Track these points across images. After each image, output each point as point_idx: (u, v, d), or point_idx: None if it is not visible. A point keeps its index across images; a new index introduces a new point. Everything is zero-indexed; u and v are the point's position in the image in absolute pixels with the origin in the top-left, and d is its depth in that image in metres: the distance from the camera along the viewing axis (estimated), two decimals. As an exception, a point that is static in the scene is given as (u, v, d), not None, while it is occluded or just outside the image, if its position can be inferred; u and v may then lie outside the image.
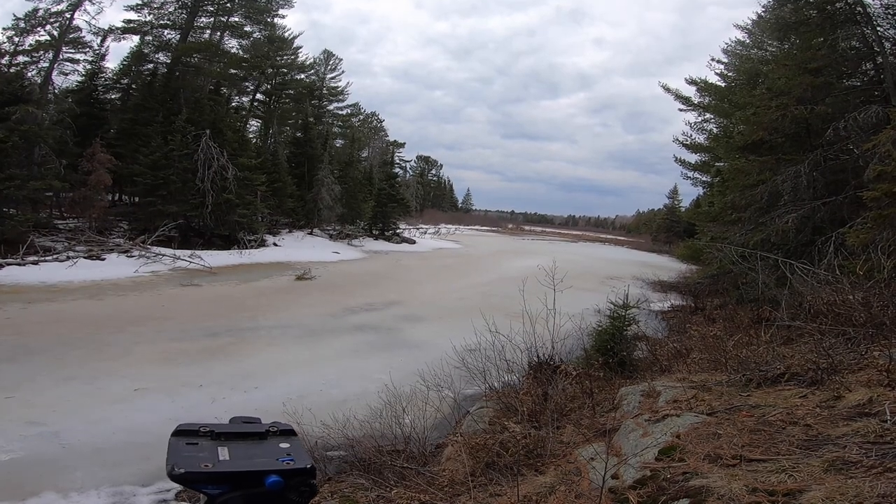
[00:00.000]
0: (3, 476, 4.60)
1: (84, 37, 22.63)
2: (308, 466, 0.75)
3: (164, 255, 17.57)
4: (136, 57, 25.31)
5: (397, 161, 58.41)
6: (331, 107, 39.44)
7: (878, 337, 4.19)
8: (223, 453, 0.76)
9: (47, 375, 6.96)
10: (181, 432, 0.79)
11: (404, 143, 64.19)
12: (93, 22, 22.40)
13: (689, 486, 2.52)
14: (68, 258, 15.54)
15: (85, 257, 16.03)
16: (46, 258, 15.22)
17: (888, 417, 2.57)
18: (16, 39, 20.38)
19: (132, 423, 5.79)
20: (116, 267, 15.75)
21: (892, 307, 4.50)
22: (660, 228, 54.31)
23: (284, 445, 0.80)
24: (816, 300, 6.20)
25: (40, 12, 20.73)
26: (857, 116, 10.35)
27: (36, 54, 21.00)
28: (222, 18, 26.67)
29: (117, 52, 65.03)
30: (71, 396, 6.37)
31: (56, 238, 17.35)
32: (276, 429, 0.83)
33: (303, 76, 35.06)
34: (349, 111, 41.93)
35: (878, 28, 11.79)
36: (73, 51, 22.58)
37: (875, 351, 3.91)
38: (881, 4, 11.70)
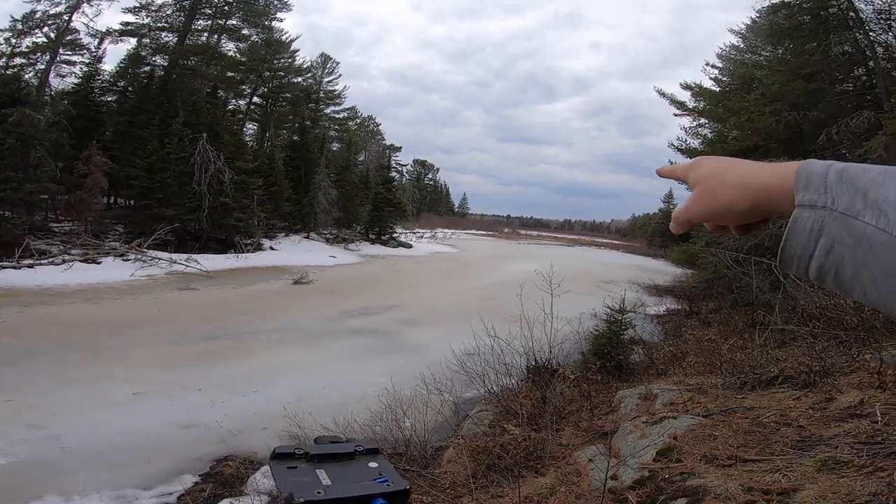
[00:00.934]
0: (5, 479, 4.61)
1: (81, 39, 22.62)
2: (406, 488, 0.77)
3: (160, 259, 17.54)
4: (133, 59, 25.27)
5: (394, 165, 58.69)
6: (327, 110, 39.55)
7: (870, 340, 4.29)
8: (323, 476, 0.78)
9: (46, 379, 6.96)
10: (279, 455, 0.81)
11: (401, 147, 64.53)
12: (90, 24, 22.39)
13: (686, 485, 2.59)
14: (64, 261, 15.50)
15: (80, 261, 15.98)
16: (42, 261, 15.17)
17: (879, 418, 2.65)
18: (13, 41, 20.33)
19: (133, 426, 5.82)
20: (112, 270, 15.70)
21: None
22: (655, 233, 54.59)
23: (374, 465, 0.82)
24: (809, 304, 6.30)
25: (38, 14, 20.70)
26: (850, 122, 10.51)
27: (33, 56, 20.92)
28: (220, 21, 26.70)
29: (114, 55, 64.74)
30: (71, 399, 6.38)
31: (52, 241, 17.27)
32: (361, 448, 0.85)
33: (300, 79, 35.11)
34: (346, 115, 42.03)
35: (871, 33, 11.95)
36: (70, 53, 22.54)
37: (866, 354, 4.01)
38: (873, 9, 11.87)
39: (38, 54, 20.99)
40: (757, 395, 3.78)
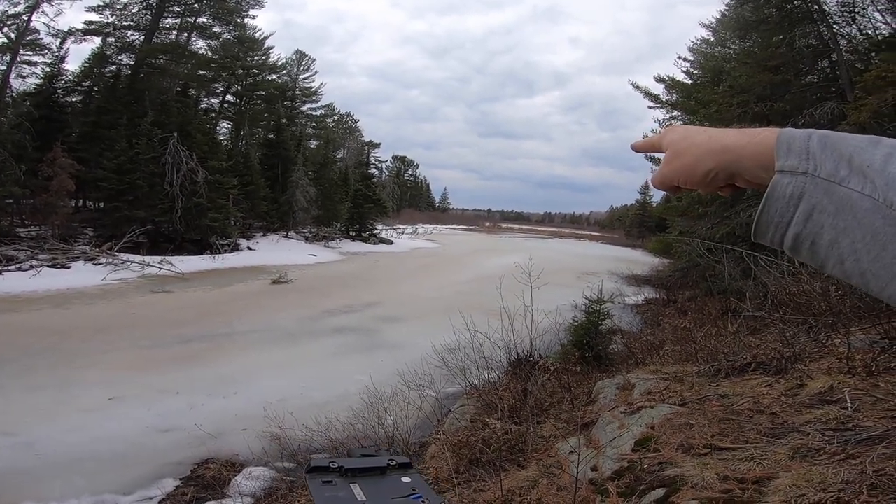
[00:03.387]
0: (-24, 490, 4.48)
1: (42, 39, 21.71)
2: None
3: (132, 262, 17.10)
4: (98, 59, 24.40)
5: (373, 161, 58.20)
6: (304, 108, 39.04)
7: (837, 325, 4.41)
8: (357, 492, 0.78)
9: (15, 386, 6.77)
10: (315, 469, 0.81)
11: (380, 144, 64.14)
12: (51, 24, 21.52)
13: (664, 475, 2.62)
14: (31, 267, 15.00)
15: (49, 266, 15.47)
16: (9, 267, 14.64)
17: (849, 404, 2.72)
18: None
19: (109, 431, 5.70)
20: (82, 275, 15.26)
21: (848, 296, 4.75)
22: (632, 223, 55.43)
23: (406, 480, 0.82)
24: (779, 291, 6.46)
25: None
26: (814, 112, 10.79)
27: None
28: (189, 19, 25.95)
29: (78, 54, 62.67)
30: (42, 406, 6.22)
31: (18, 247, 16.65)
32: (394, 462, 0.85)
33: (274, 77, 34.52)
34: (323, 112, 41.55)
35: (834, 26, 12.27)
36: (30, 53, 21.60)
37: (835, 339, 4.12)
38: (836, 2, 12.16)
39: None
40: (731, 382, 3.85)
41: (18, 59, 20.93)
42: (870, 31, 12.18)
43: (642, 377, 5.00)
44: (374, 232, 35.11)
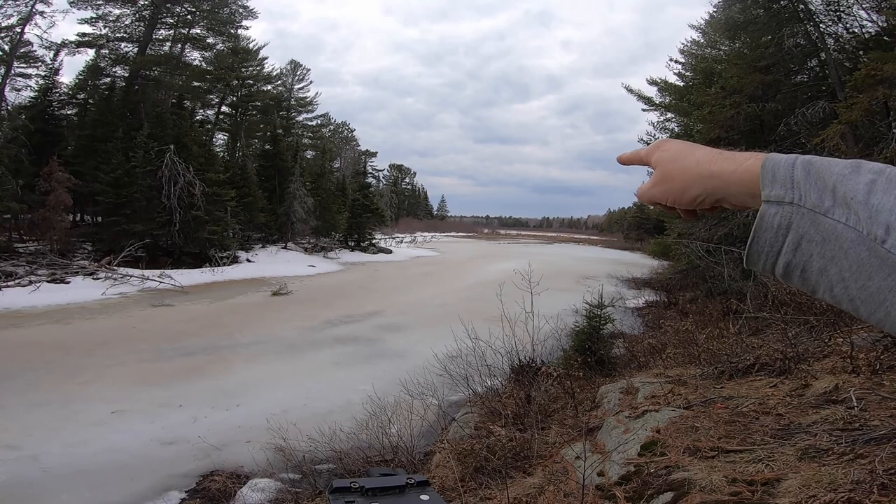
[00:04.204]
0: (-17, 502, 4.47)
1: (36, 51, 21.76)
2: None
3: (131, 276, 17.06)
4: (92, 71, 24.43)
5: (370, 170, 58.39)
6: (300, 118, 39.08)
7: (839, 324, 4.41)
8: None
9: (19, 401, 6.75)
10: (337, 490, 0.82)
11: (376, 153, 64.41)
12: (44, 36, 21.56)
13: (671, 479, 2.62)
14: (31, 283, 14.95)
15: (48, 281, 15.44)
16: (8, 283, 14.59)
17: (855, 404, 2.72)
18: None
19: (113, 444, 5.69)
20: (82, 290, 15.21)
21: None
22: (631, 226, 55.56)
23: (425, 498, 0.83)
24: (780, 291, 6.47)
25: None
26: (806, 112, 10.85)
27: None
28: (183, 31, 26.04)
29: (72, 67, 62.81)
30: (46, 420, 6.21)
31: (17, 262, 16.61)
32: (412, 481, 0.86)
33: (269, 87, 34.60)
34: (319, 121, 41.68)
35: (821, 25, 12.37)
36: (24, 65, 21.64)
37: (838, 338, 4.13)
38: (822, 1, 12.28)
39: None
40: (735, 383, 3.85)
41: (13, 71, 20.95)
42: (856, 30, 12.28)
43: (646, 381, 5.00)
44: (373, 241, 35.05)
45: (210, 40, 27.42)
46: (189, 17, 25.70)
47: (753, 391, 3.43)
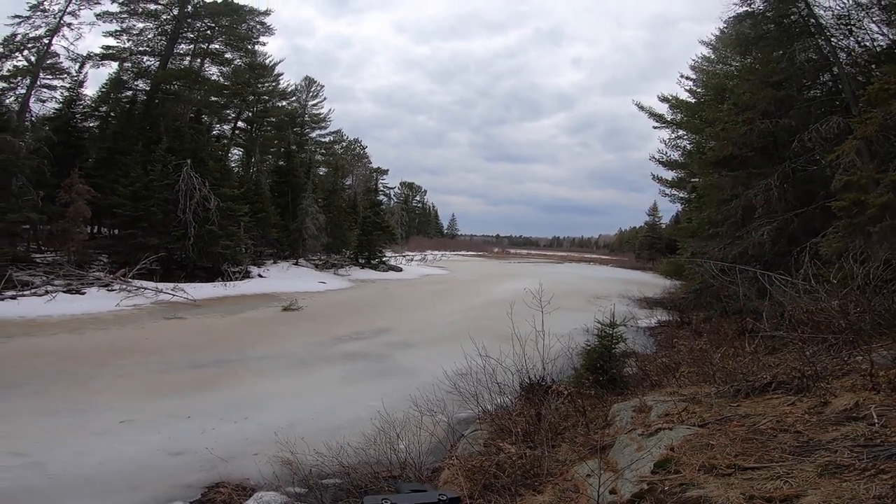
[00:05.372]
0: (-11, 508, 4.48)
1: (62, 63, 22.36)
2: None
3: (145, 289, 17.26)
4: (115, 84, 25.07)
5: (381, 188, 58.90)
6: (313, 134, 39.74)
7: (858, 342, 4.31)
8: None
9: (29, 409, 6.80)
10: None
11: (388, 170, 64.98)
12: (71, 48, 22.15)
13: (686, 496, 2.55)
14: (47, 292, 15.19)
15: (64, 291, 15.67)
16: (24, 293, 14.84)
17: (875, 420, 2.65)
18: None
19: (120, 454, 5.67)
20: (97, 301, 15.42)
21: (868, 313, 4.66)
22: (642, 246, 55.13)
23: None
24: (796, 309, 6.35)
25: (18, 37, 20.50)
26: (820, 128, 10.75)
27: (13, 80, 20.60)
28: (202, 45, 26.70)
29: (96, 79, 64.53)
30: (54, 429, 6.23)
31: (34, 272, 16.90)
32: (444, 497, 0.86)
33: (284, 103, 35.25)
34: (332, 138, 42.29)
35: (832, 39, 12.31)
36: (50, 77, 22.23)
37: (857, 356, 4.03)
38: (833, 15, 12.24)
39: (19, 78, 20.65)
40: (751, 402, 3.77)
41: (39, 82, 21.48)
42: (867, 44, 12.21)
43: (659, 399, 4.90)
44: (384, 259, 35.16)
45: (228, 55, 28.03)
46: (209, 31, 26.36)
47: (770, 409, 3.35)
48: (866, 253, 7.03)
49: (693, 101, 25.82)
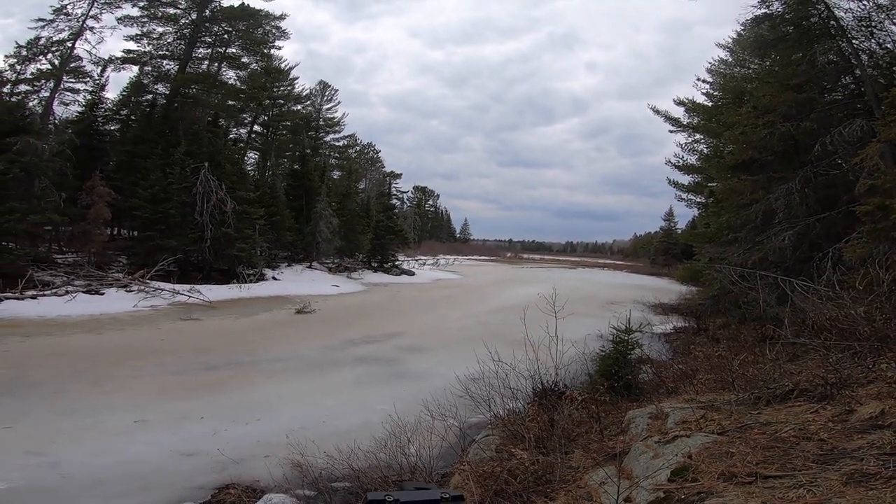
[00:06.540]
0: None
1: (84, 66, 22.72)
2: None
3: (163, 290, 17.51)
4: (136, 87, 25.53)
5: (394, 192, 59.14)
6: (327, 138, 40.01)
7: (884, 350, 4.17)
8: None
9: (46, 408, 6.90)
10: (372, 502, 0.83)
11: (401, 174, 65.13)
12: (93, 51, 22.48)
13: (705, 505, 2.47)
14: (67, 293, 15.48)
15: (84, 292, 15.97)
16: (45, 293, 15.15)
17: (902, 430, 2.54)
18: (18, 67, 20.39)
19: (133, 454, 5.73)
20: (115, 301, 15.68)
21: (895, 320, 4.50)
22: (657, 251, 54.41)
23: None
24: (819, 316, 6.17)
25: (42, 41, 20.85)
26: (843, 131, 10.47)
27: (37, 83, 20.95)
28: (220, 49, 27.07)
29: (116, 83, 65.90)
30: (70, 428, 6.31)
31: (55, 272, 17.26)
32: (447, 495, 0.85)
33: (299, 107, 35.52)
34: (346, 142, 42.54)
35: (854, 41, 12.00)
36: (73, 80, 22.60)
37: (882, 364, 3.89)
38: (854, 17, 11.94)
39: (43, 81, 20.98)
40: (772, 409, 3.65)
41: (62, 85, 21.85)
42: (889, 46, 11.90)
43: (676, 406, 4.79)
44: (396, 263, 35.23)
45: (245, 59, 28.28)
46: (226, 36, 26.67)
47: (793, 417, 3.24)
48: (891, 258, 6.83)
49: (710, 104, 25.48)
